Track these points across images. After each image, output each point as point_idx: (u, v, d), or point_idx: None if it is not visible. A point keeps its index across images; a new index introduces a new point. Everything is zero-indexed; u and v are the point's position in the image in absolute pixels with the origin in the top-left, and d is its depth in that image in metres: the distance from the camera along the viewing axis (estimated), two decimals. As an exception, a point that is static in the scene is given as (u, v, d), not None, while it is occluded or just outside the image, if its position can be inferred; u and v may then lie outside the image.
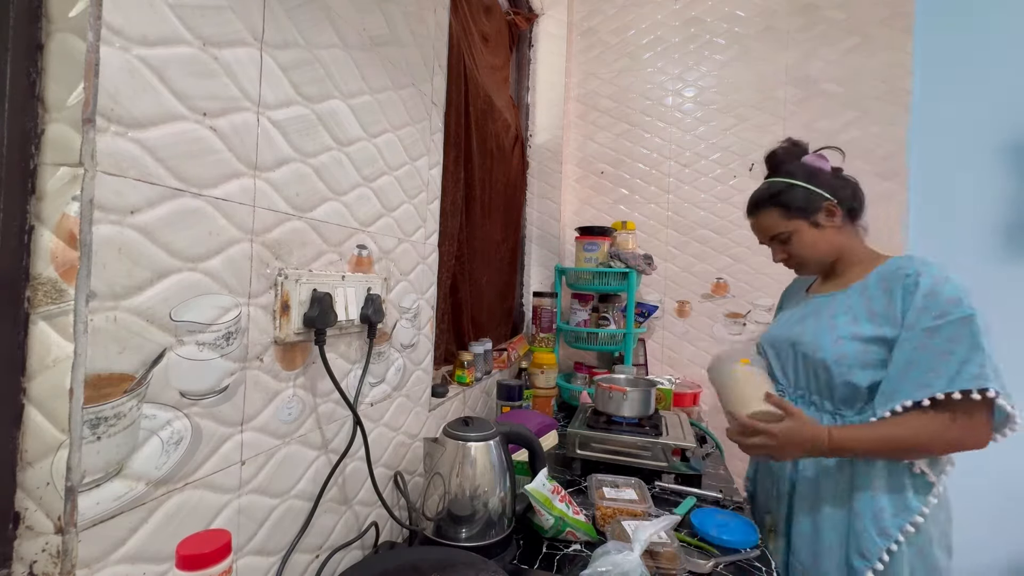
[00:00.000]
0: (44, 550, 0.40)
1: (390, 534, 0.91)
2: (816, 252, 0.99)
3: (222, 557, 0.42)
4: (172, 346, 0.48)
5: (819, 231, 0.97)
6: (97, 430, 0.42)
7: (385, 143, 0.84)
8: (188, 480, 0.51)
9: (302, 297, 0.64)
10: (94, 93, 0.40)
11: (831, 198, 0.96)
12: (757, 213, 1.03)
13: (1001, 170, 1.70)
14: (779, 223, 1.00)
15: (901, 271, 0.88)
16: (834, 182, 0.98)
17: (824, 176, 0.98)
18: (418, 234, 0.97)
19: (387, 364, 0.89)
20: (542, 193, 2.07)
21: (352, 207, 0.76)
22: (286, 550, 0.65)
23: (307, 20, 0.65)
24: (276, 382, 0.63)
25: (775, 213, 1.00)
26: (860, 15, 1.82)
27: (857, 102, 1.82)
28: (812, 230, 0.97)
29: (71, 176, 0.40)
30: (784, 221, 0.99)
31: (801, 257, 1.00)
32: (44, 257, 0.41)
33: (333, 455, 0.74)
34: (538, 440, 0.94)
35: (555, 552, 0.87)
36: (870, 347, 0.88)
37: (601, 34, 2.13)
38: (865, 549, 0.86)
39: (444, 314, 1.23)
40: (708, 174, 1.99)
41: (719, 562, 0.85)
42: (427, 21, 0.97)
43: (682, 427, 1.27)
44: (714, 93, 1.99)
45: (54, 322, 0.40)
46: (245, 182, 0.56)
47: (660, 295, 2.04)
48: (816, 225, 0.97)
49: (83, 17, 0.40)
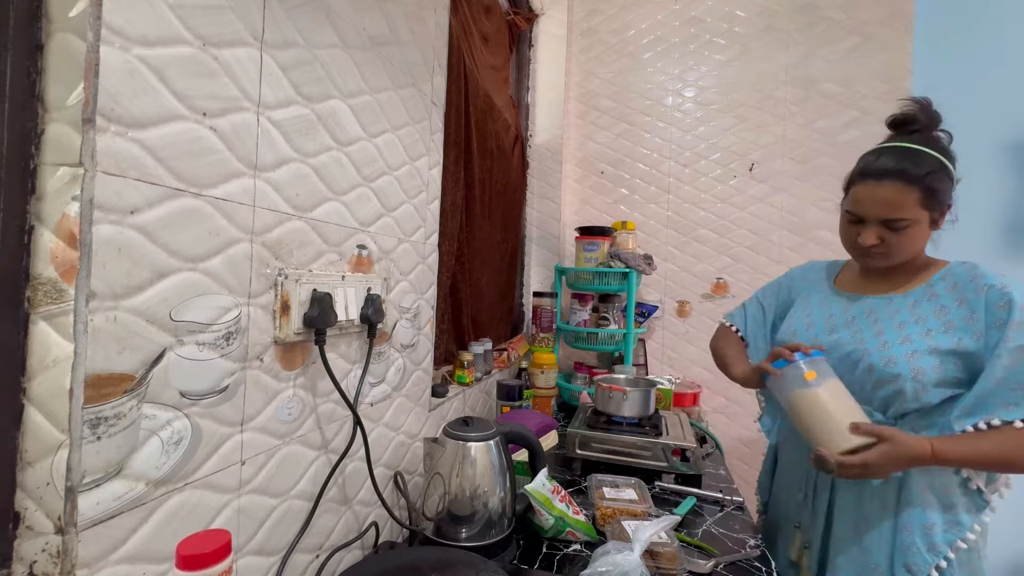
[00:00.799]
0: (44, 550, 0.40)
1: (390, 534, 0.91)
2: (915, 250, 0.86)
3: (222, 557, 0.42)
4: (172, 346, 0.48)
5: (930, 230, 0.85)
6: (97, 430, 0.42)
7: (385, 143, 0.84)
8: (188, 480, 0.51)
9: (302, 297, 0.64)
10: (94, 93, 0.40)
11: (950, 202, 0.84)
12: (889, 183, 0.82)
13: (1001, 170, 1.70)
14: (910, 207, 0.81)
15: (980, 281, 0.81)
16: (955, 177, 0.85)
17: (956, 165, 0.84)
18: (418, 234, 0.97)
19: (387, 364, 0.89)
20: (542, 193, 2.07)
21: (352, 207, 0.76)
22: (286, 550, 0.65)
23: (307, 20, 0.65)
24: (276, 382, 0.63)
25: (914, 194, 0.80)
26: (860, 15, 1.82)
27: (857, 102, 1.82)
28: (927, 227, 0.84)
29: (71, 176, 0.40)
30: (916, 208, 0.81)
31: (898, 251, 0.85)
32: (44, 257, 0.41)
33: (333, 455, 0.74)
34: (538, 440, 0.94)
35: (555, 552, 0.87)
36: (947, 361, 0.80)
37: (601, 34, 2.13)
38: (912, 564, 0.81)
39: (444, 314, 1.23)
40: (708, 174, 1.99)
41: (719, 562, 0.85)
42: (427, 21, 0.97)
43: (682, 427, 1.27)
44: (714, 93, 1.99)
45: (54, 322, 0.40)
46: (245, 182, 0.56)
47: (660, 295, 2.04)
48: (934, 223, 0.84)
49: (83, 17, 0.40)
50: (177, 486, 0.50)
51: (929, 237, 0.86)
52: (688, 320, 2.00)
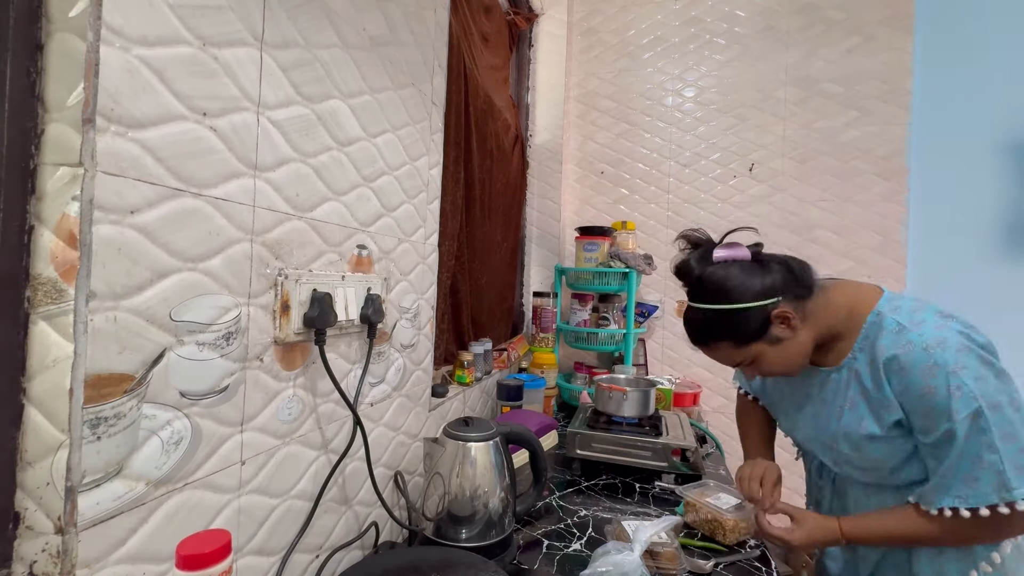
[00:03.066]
0: (44, 550, 0.40)
1: (390, 534, 0.91)
2: (793, 361, 0.83)
3: (222, 557, 0.42)
4: (172, 346, 0.48)
5: (783, 345, 0.80)
6: (97, 430, 0.42)
7: (385, 143, 0.84)
8: (188, 480, 0.51)
9: (302, 297, 0.64)
10: (94, 93, 0.40)
11: (774, 300, 0.78)
12: (704, 349, 0.86)
13: (1001, 170, 1.70)
14: (735, 354, 0.83)
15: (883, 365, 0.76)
16: (764, 280, 0.79)
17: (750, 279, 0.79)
18: (418, 234, 0.97)
19: (387, 364, 0.89)
20: (542, 193, 2.07)
21: (352, 207, 0.76)
22: (286, 550, 0.65)
23: (307, 20, 0.65)
24: (276, 382, 0.63)
25: (724, 347, 0.83)
26: (860, 15, 1.82)
27: (857, 102, 1.82)
28: (775, 348, 0.81)
29: (71, 176, 0.40)
30: (739, 351, 0.82)
31: (779, 370, 0.84)
32: (44, 257, 0.41)
33: (333, 455, 0.74)
34: (538, 440, 0.94)
35: (555, 552, 0.87)
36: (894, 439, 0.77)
37: (601, 34, 2.13)
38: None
39: (444, 314, 1.23)
40: (708, 174, 1.99)
41: (719, 562, 0.85)
42: (427, 21, 0.97)
43: (682, 427, 1.27)
44: (714, 93, 1.99)
45: (54, 322, 0.40)
46: (245, 182, 0.56)
47: (660, 295, 2.04)
48: (777, 342, 0.80)
49: (83, 17, 0.40)
50: (177, 486, 0.50)
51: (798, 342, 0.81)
52: (688, 320, 2.00)
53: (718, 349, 0.83)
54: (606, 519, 0.98)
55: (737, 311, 0.78)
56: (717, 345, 0.83)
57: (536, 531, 0.94)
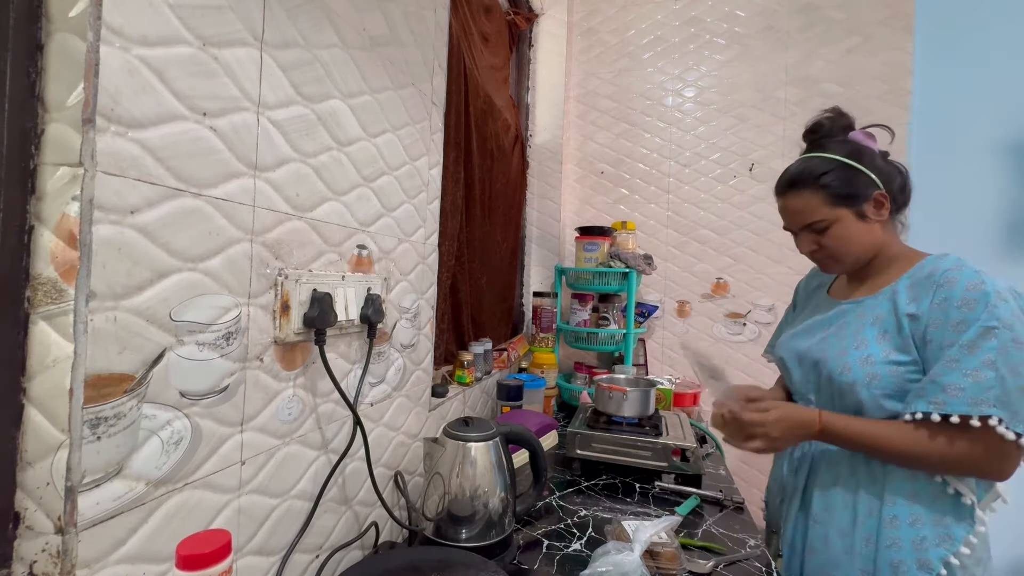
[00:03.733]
0: (44, 550, 0.40)
1: (390, 534, 0.91)
2: (855, 248, 0.85)
3: (222, 557, 0.42)
4: (172, 346, 0.48)
5: (864, 224, 0.84)
6: (97, 430, 0.42)
7: (385, 143, 0.84)
8: (188, 480, 0.51)
9: (302, 297, 0.64)
10: (94, 93, 0.40)
11: (881, 187, 0.83)
12: (793, 194, 0.87)
13: (1001, 170, 1.70)
14: (820, 209, 0.84)
15: (931, 277, 0.77)
16: (885, 167, 0.85)
17: (874, 159, 0.85)
18: (418, 234, 0.97)
19: (387, 364, 0.89)
20: (542, 193, 2.07)
21: (352, 207, 0.76)
22: (286, 550, 0.65)
23: (307, 20, 0.65)
24: (276, 382, 0.63)
25: (817, 197, 0.84)
26: (860, 15, 1.82)
27: (857, 102, 1.82)
28: (857, 222, 0.84)
29: (71, 176, 0.40)
30: (826, 208, 0.84)
31: (836, 252, 0.86)
32: (44, 257, 0.41)
33: (333, 455, 0.74)
34: (538, 440, 0.94)
35: (555, 552, 0.87)
36: (904, 369, 0.78)
37: (601, 34, 2.13)
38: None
39: (444, 314, 1.22)
40: (708, 174, 1.99)
41: (719, 562, 0.85)
42: (427, 21, 0.97)
43: (682, 427, 1.26)
44: (714, 93, 1.99)
45: (54, 322, 0.40)
46: (245, 182, 0.56)
47: (660, 295, 2.04)
48: (862, 217, 0.84)
49: (83, 17, 0.40)
50: (177, 486, 0.50)
51: (877, 231, 0.85)
52: (688, 320, 2.00)
53: (811, 198, 0.85)
54: (606, 519, 0.98)
55: (856, 171, 0.84)
56: (814, 193, 0.85)
57: (536, 531, 0.94)
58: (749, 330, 1.93)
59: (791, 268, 1.86)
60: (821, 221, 0.85)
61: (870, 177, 0.83)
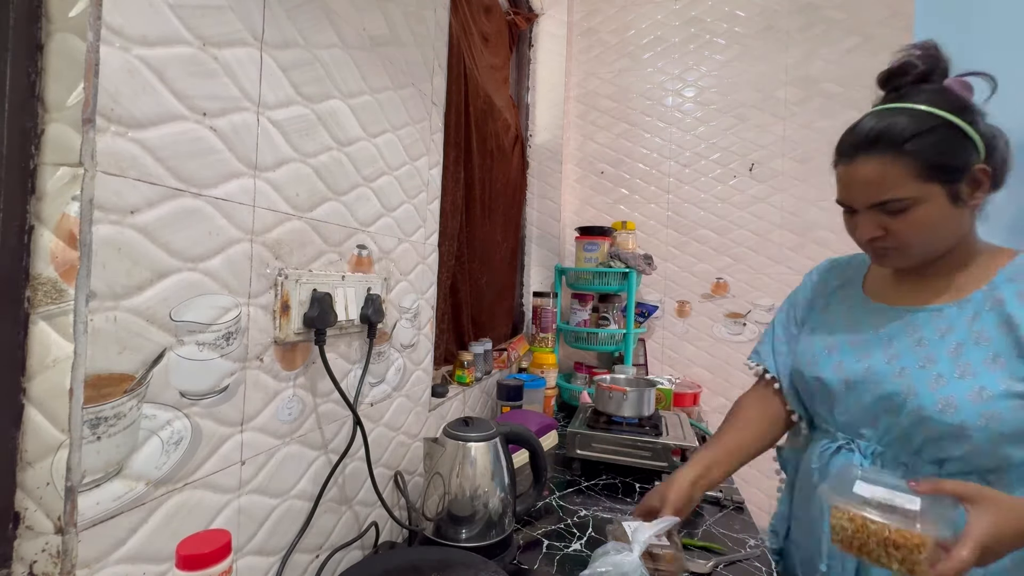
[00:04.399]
0: (44, 550, 0.40)
1: (390, 534, 0.91)
2: (936, 239, 0.66)
3: (222, 557, 0.42)
4: (172, 346, 0.48)
5: (955, 209, 0.64)
6: (97, 430, 0.42)
7: (385, 143, 0.84)
8: (188, 480, 0.51)
9: (302, 297, 0.64)
10: (94, 93, 0.40)
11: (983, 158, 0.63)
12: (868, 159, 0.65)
13: (1001, 170, 1.69)
14: (904, 184, 0.62)
15: None
16: (988, 131, 0.65)
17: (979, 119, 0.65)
18: (418, 234, 0.97)
19: (387, 364, 0.89)
20: (542, 193, 2.07)
21: (352, 207, 0.76)
22: (286, 550, 0.65)
23: (307, 20, 0.65)
24: (276, 382, 0.63)
25: (903, 165, 0.62)
26: (860, 15, 1.82)
27: (857, 102, 1.82)
28: (948, 205, 0.63)
29: (71, 176, 0.40)
30: (914, 181, 0.62)
31: (909, 241, 0.65)
32: (44, 257, 0.41)
33: (333, 455, 0.74)
34: (538, 440, 0.94)
35: (555, 552, 0.87)
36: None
37: (601, 34, 2.13)
38: None
39: (444, 314, 1.22)
40: (708, 174, 1.99)
41: (719, 562, 0.85)
42: (427, 21, 0.97)
43: (682, 427, 1.27)
44: (714, 93, 1.99)
45: (54, 322, 0.40)
46: (245, 182, 0.56)
47: (660, 295, 2.04)
48: (956, 198, 0.63)
49: (83, 17, 0.40)
50: (177, 486, 0.50)
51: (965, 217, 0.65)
52: (688, 320, 2.00)
53: (893, 166, 0.63)
54: (606, 519, 0.98)
55: (962, 134, 0.63)
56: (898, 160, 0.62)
57: (536, 531, 0.94)
58: (749, 330, 1.93)
59: (791, 268, 1.86)
60: (903, 199, 0.63)
61: (975, 144, 0.63)
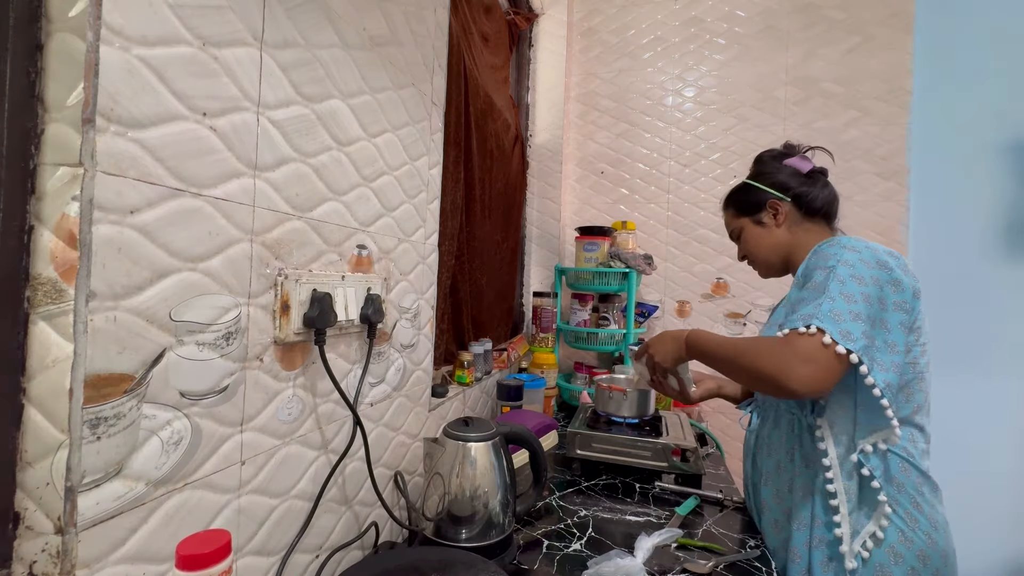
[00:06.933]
0: (44, 550, 0.40)
1: (390, 534, 0.91)
2: (760, 250, 1.02)
3: (222, 557, 0.42)
4: (172, 346, 0.48)
5: (762, 229, 1.00)
6: (97, 430, 0.42)
7: (385, 143, 0.84)
8: (188, 480, 0.51)
9: (302, 297, 0.64)
10: (94, 93, 0.40)
11: (777, 195, 0.98)
12: (723, 211, 1.09)
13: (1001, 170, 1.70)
14: (731, 221, 1.07)
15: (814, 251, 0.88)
16: (790, 180, 0.98)
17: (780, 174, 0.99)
18: (418, 234, 0.97)
19: (387, 364, 0.89)
20: (542, 193, 2.07)
21: (352, 207, 0.76)
22: (286, 550, 0.65)
23: (307, 20, 0.65)
24: (276, 382, 0.63)
25: (729, 212, 1.07)
26: (860, 15, 1.82)
27: (857, 102, 1.82)
28: (755, 228, 1.01)
29: (71, 176, 0.40)
30: (733, 219, 1.05)
31: (750, 254, 1.04)
32: (44, 257, 0.41)
33: (333, 455, 0.74)
34: (538, 440, 0.94)
35: (555, 552, 0.87)
36: None
37: (601, 34, 2.13)
38: None
39: (444, 314, 1.22)
40: (708, 174, 1.99)
41: (719, 562, 0.85)
42: (427, 21, 0.97)
43: (682, 427, 1.26)
44: (714, 93, 1.99)
45: (54, 322, 0.40)
46: (245, 182, 0.56)
47: (660, 295, 2.04)
48: (759, 223, 1.01)
49: (83, 17, 0.40)
50: (177, 486, 0.50)
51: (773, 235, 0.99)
52: (688, 320, 2.00)
53: (726, 212, 1.08)
54: (606, 519, 0.98)
55: (750, 187, 1.02)
56: (727, 209, 1.07)
57: (536, 531, 0.94)
58: (749, 330, 1.93)
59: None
60: (733, 230, 1.07)
61: (763, 190, 1.00)
